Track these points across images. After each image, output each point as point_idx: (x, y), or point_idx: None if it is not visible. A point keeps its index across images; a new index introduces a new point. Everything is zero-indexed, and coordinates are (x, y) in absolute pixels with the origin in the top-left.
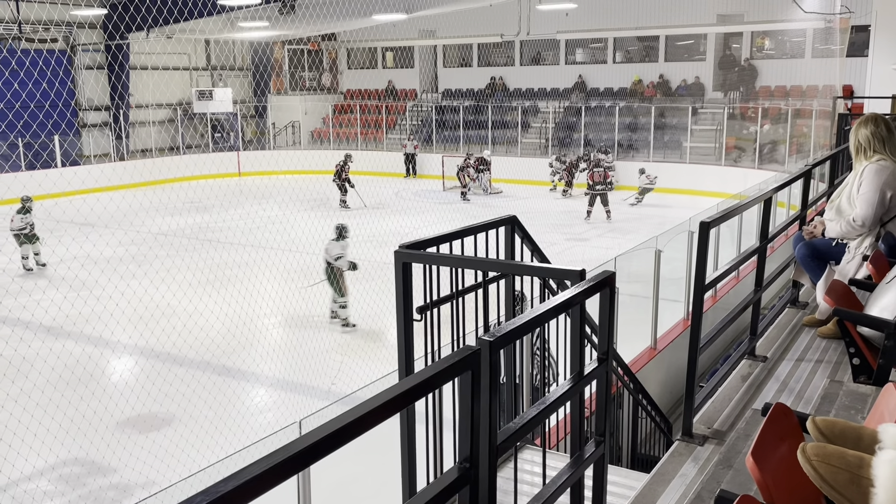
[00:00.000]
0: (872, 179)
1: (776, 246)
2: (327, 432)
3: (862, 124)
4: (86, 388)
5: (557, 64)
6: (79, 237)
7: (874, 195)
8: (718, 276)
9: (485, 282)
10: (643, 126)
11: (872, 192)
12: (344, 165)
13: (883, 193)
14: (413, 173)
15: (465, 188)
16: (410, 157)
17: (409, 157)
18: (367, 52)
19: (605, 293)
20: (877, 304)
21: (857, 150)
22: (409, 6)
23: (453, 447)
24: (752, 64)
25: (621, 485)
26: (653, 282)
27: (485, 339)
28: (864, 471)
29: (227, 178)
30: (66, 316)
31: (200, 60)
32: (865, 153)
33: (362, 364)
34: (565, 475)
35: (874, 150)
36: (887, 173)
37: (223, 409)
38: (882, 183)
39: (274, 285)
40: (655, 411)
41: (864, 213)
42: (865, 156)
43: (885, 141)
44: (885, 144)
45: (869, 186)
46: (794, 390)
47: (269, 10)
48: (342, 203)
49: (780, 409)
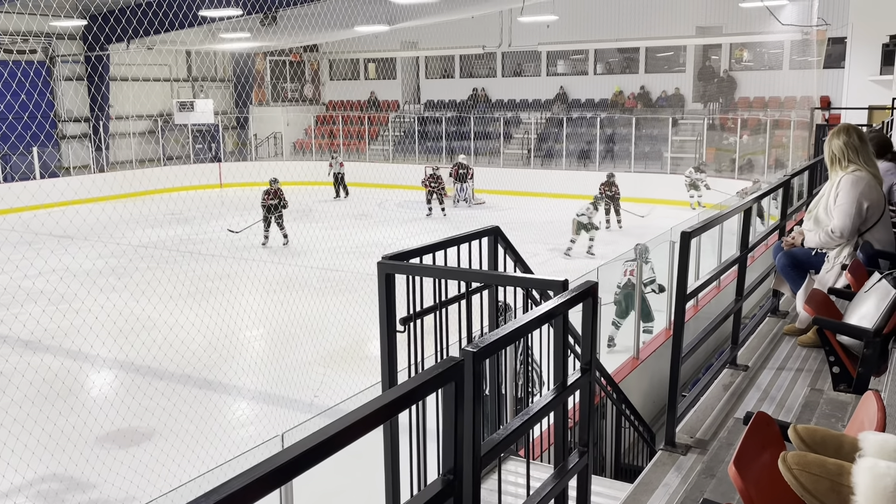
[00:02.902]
0: (849, 191)
1: (756, 255)
2: (310, 445)
3: (835, 135)
4: (64, 402)
5: (539, 75)
6: (58, 250)
7: (851, 206)
8: (700, 286)
9: (468, 293)
10: (624, 137)
11: (849, 203)
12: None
13: (860, 204)
14: (345, 193)
15: (430, 203)
16: (339, 176)
17: (338, 177)
18: (350, 64)
19: (588, 303)
20: (856, 313)
21: (831, 160)
22: (391, 18)
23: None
24: (731, 75)
25: (605, 495)
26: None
27: (468, 349)
28: (844, 478)
29: (208, 190)
30: (44, 330)
31: (181, 71)
32: (840, 163)
33: (345, 376)
34: (549, 486)
35: (849, 160)
36: (863, 184)
37: (204, 423)
38: (859, 194)
39: (256, 297)
40: (638, 421)
41: (841, 223)
42: (840, 166)
43: (858, 151)
44: (858, 154)
45: (846, 198)
46: (775, 399)
47: (251, 22)
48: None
49: (762, 417)
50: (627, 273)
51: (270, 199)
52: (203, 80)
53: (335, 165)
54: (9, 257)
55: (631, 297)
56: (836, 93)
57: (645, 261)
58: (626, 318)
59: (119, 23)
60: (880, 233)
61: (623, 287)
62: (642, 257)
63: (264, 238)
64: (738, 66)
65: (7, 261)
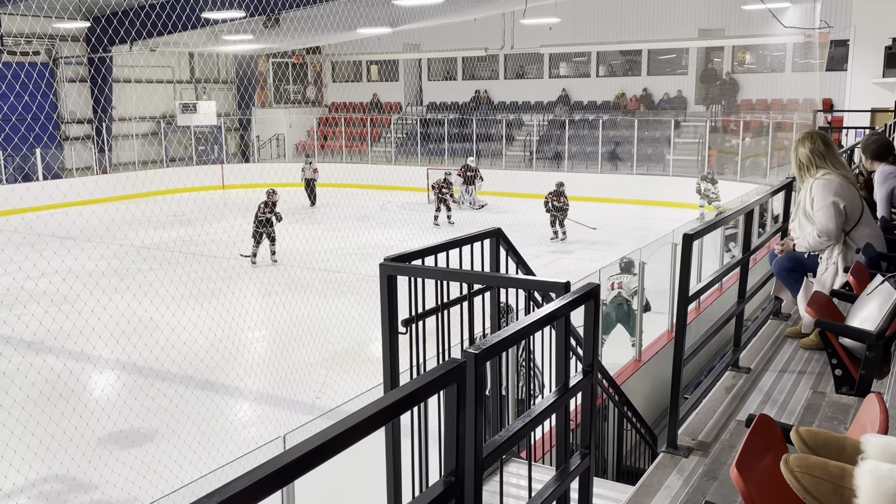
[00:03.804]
0: (822, 194)
1: (759, 257)
2: (312, 447)
3: (799, 143)
4: (67, 403)
5: (541, 78)
6: (60, 251)
7: (829, 209)
8: (702, 288)
9: (470, 294)
10: (626, 139)
11: (826, 206)
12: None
13: (836, 204)
14: (312, 202)
15: (439, 210)
16: (311, 182)
17: (310, 183)
18: (352, 66)
19: (590, 305)
20: (858, 316)
21: (799, 168)
22: (393, 20)
23: (438, 460)
24: (734, 78)
25: (607, 497)
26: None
27: (470, 351)
28: (846, 481)
29: (210, 191)
30: (46, 330)
31: (184, 73)
32: (809, 170)
33: (347, 378)
34: (551, 488)
35: (816, 166)
36: (834, 185)
37: (206, 424)
38: (832, 195)
39: (258, 299)
40: (640, 423)
41: (823, 226)
42: (809, 173)
43: (824, 156)
44: (825, 159)
45: (821, 201)
46: (777, 401)
47: (254, 24)
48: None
49: (764, 420)
50: (616, 286)
51: (268, 212)
52: (206, 82)
53: (308, 170)
54: (12, 258)
55: (621, 310)
56: (839, 95)
57: (632, 273)
58: (609, 333)
59: (122, 25)
60: (866, 228)
61: (612, 301)
62: (629, 270)
63: (252, 257)
64: (741, 69)
65: (10, 262)
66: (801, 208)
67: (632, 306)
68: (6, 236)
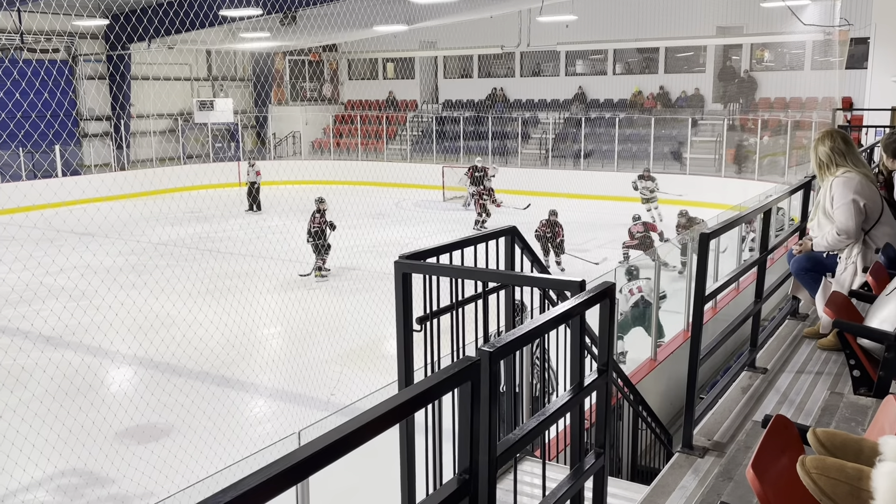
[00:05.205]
0: (843, 192)
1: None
2: (326, 443)
3: (819, 141)
4: (84, 398)
5: (557, 75)
6: (79, 247)
7: (849, 207)
8: (719, 288)
9: (485, 292)
10: (643, 137)
11: (846, 204)
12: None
13: (856, 203)
14: (257, 207)
15: (480, 216)
16: (253, 187)
17: (252, 188)
18: (368, 63)
19: (605, 304)
20: (877, 316)
21: (819, 166)
22: (409, 18)
23: (452, 458)
24: (752, 76)
25: (621, 497)
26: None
27: (485, 349)
28: (863, 483)
29: (227, 189)
30: (65, 326)
31: (201, 71)
32: (829, 169)
33: (361, 375)
34: (565, 487)
35: (836, 164)
36: (854, 183)
37: (222, 420)
38: (852, 193)
39: (274, 296)
40: (655, 423)
41: (843, 224)
42: (829, 171)
43: (845, 154)
44: (846, 157)
45: (841, 199)
46: (794, 402)
47: (271, 22)
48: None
49: (781, 420)
50: (636, 290)
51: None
52: (223, 80)
53: (251, 173)
54: (31, 254)
55: (640, 313)
56: (859, 94)
57: (637, 277)
58: (628, 333)
59: (140, 22)
60: (886, 227)
61: (633, 306)
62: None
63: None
64: (759, 67)
65: (29, 257)
66: (821, 207)
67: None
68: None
